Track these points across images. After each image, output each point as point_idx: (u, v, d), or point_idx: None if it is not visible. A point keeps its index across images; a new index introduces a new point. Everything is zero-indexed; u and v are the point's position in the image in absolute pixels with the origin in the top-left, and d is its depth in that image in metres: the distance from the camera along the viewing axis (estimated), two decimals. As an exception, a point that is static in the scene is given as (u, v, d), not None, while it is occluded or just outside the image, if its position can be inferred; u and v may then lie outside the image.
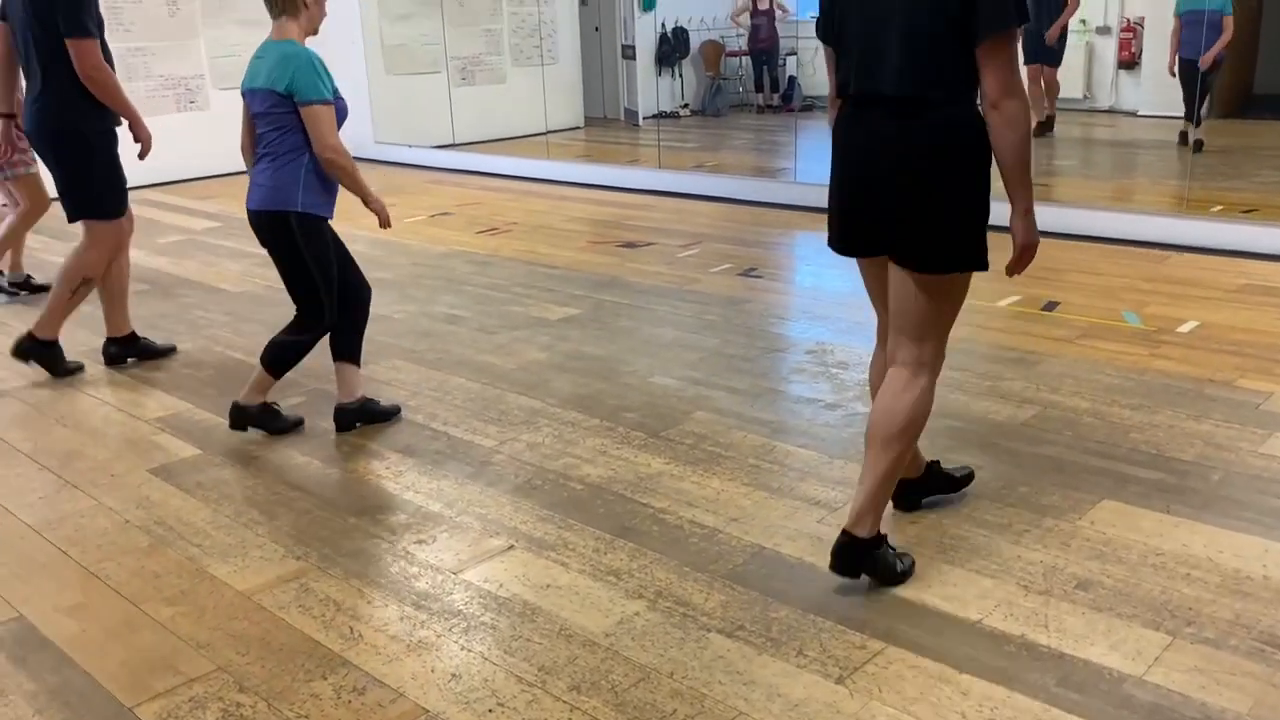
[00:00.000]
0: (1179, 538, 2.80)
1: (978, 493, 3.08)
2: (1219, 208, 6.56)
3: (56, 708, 2.29)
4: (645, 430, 3.61)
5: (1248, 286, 5.09)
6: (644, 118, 12.05)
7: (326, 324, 3.68)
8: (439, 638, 2.48)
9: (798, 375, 4.15)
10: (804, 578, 2.68)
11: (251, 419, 3.70)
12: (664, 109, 12.42)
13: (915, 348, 2.57)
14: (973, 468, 3.12)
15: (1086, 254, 5.80)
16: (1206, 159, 7.98)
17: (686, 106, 12.84)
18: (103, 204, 4.34)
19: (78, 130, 4.20)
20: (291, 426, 3.77)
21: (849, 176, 2.54)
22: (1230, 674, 2.25)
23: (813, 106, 11.87)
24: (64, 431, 3.85)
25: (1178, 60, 8.30)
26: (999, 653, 2.35)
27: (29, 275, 5.78)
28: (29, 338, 4.39)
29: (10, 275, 5.77)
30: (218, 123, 8.73)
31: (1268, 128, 9.72)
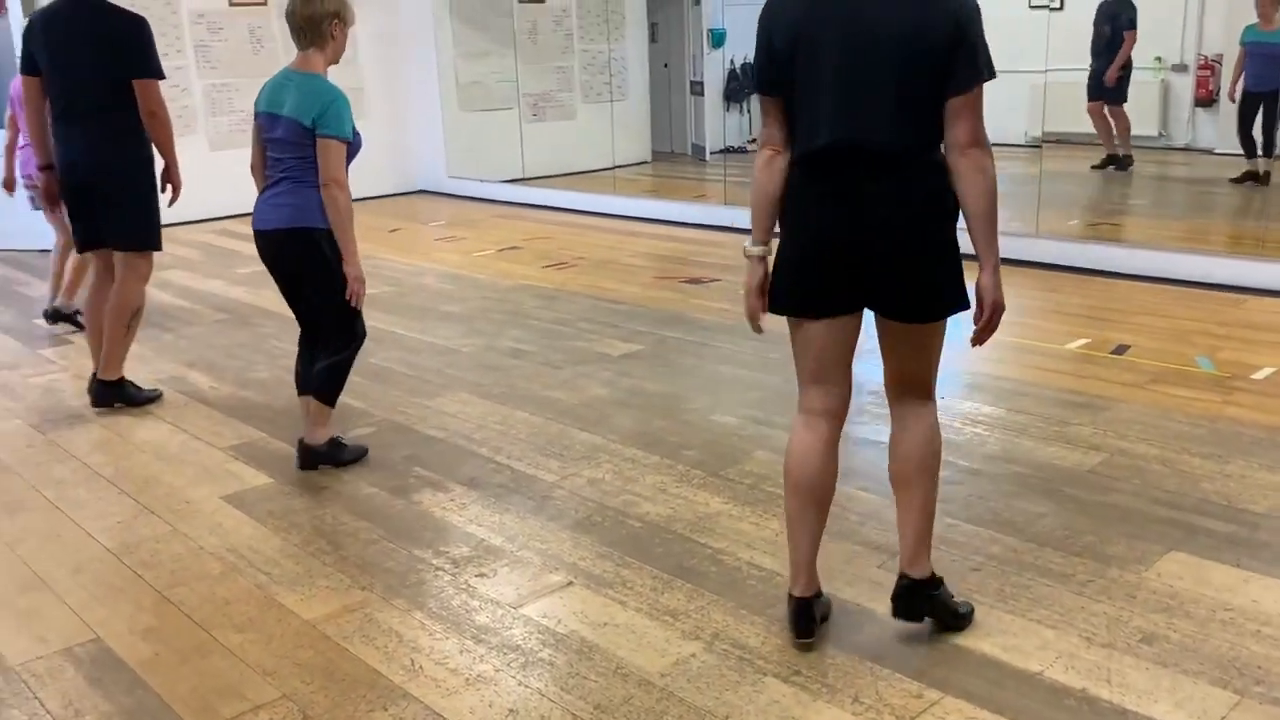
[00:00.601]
0: (1249, 593, 2.74)
1: (1041, 540, 3.05)
2: (1299, 250, 6.42)
3: (130, 729, 2.37)
4: (705, 469, 3.63)
5: (1328, 332, 4.97)
6: (711, 152, 12.13)
7: (362, 334, 3.78)
8: (497, 672, 2.52)
9: (860, 417, 4.13)
10: (862, 623, 2.67)
11: (321, 457, 3.79)
12: (731, 144, 12.49)
13: (924, 389, 2.58)
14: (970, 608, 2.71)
15: (1158, 296, 5.70)
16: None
17: (754, 141, 12.87)
18: (153, 237, 4.50)
19: (138, 167, 4.39)
20: (358, 457, 3.85)
21: (833, 236, 2.39)
22: (1301, 737, 2.19)
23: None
24: (143, 457, 3.99)
25: (1239, 91, 8.17)
26: (1059, 706, 2.32)
27: (77, 310, 5.83)
28: (98, 383, 4.51)
29: (61, 304, 5.91)
30: (296, 157, 8.97)
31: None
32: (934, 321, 2.48)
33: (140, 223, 4.42)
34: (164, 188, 4.53)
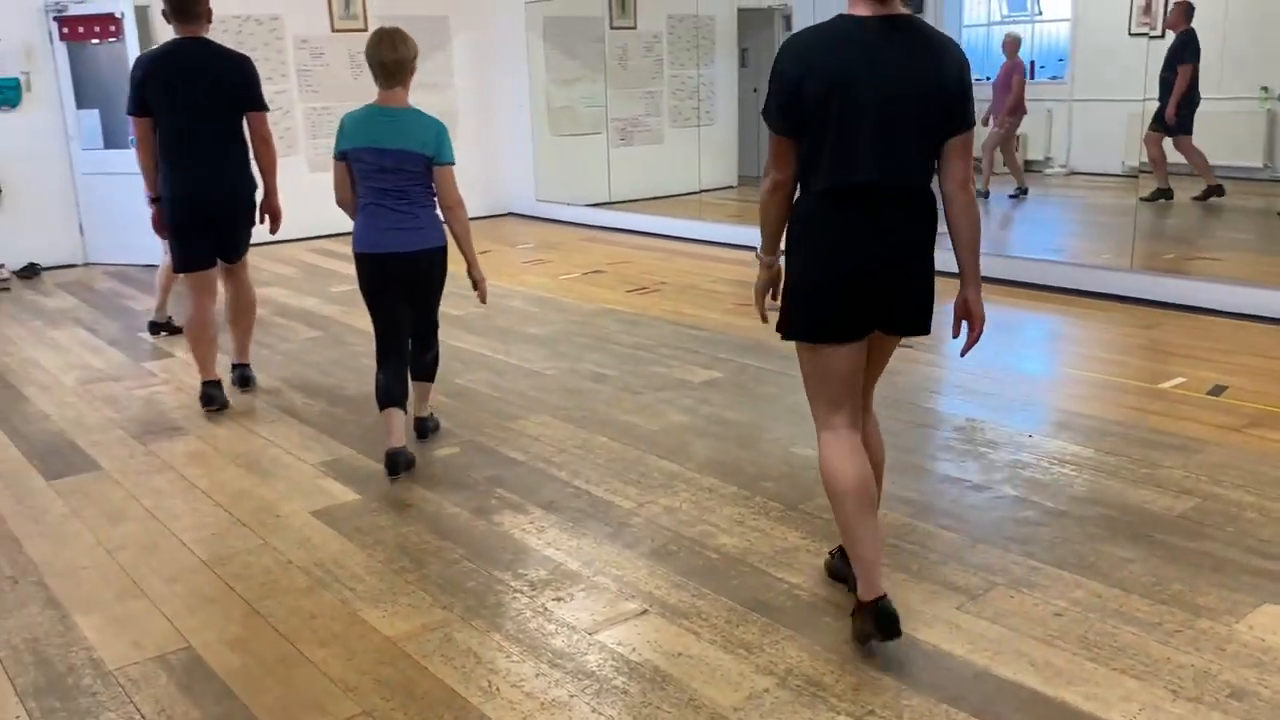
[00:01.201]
0: (1350, 652, 2.63)
1: (1127, 587, 2.97)
2: None
3: (218, 737, 2.46)
4: (783, 502, 3.62)
5: None
6: (797, 179, 12.10)
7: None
8: (572, 698, 2.55)
9: (945, 453, 4.08)
10: (939, 665, 2.64)
11: (432, 425, 4.39)
12: (819, 170, 12.44)
13: (870, 395, 2.90)
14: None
15: (1259, 335, 5.51)
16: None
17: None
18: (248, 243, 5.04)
19: (251, 192, 4.84)
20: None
21: (867, 265, 2.60)
22: (1402, 807, 2.10)
23: (976, 170, 11.69)
24: (237, 471, 4.13)
25: None
26: (1143, 762, 2.26)
27: (170, 317, 6.32)
28: (243, 367, 5.20)
29: (156, 316, 6.35)
30: (391, 178, 9.23)
31: None
32: (924, 333, 2.79)
33: (248, 238, 4.96)
34: (262, 216, 4.92)
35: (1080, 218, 10.33)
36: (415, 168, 3.87)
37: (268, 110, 4.81)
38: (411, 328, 4.16)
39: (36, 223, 8.61)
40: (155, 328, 6.32)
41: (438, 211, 3.99)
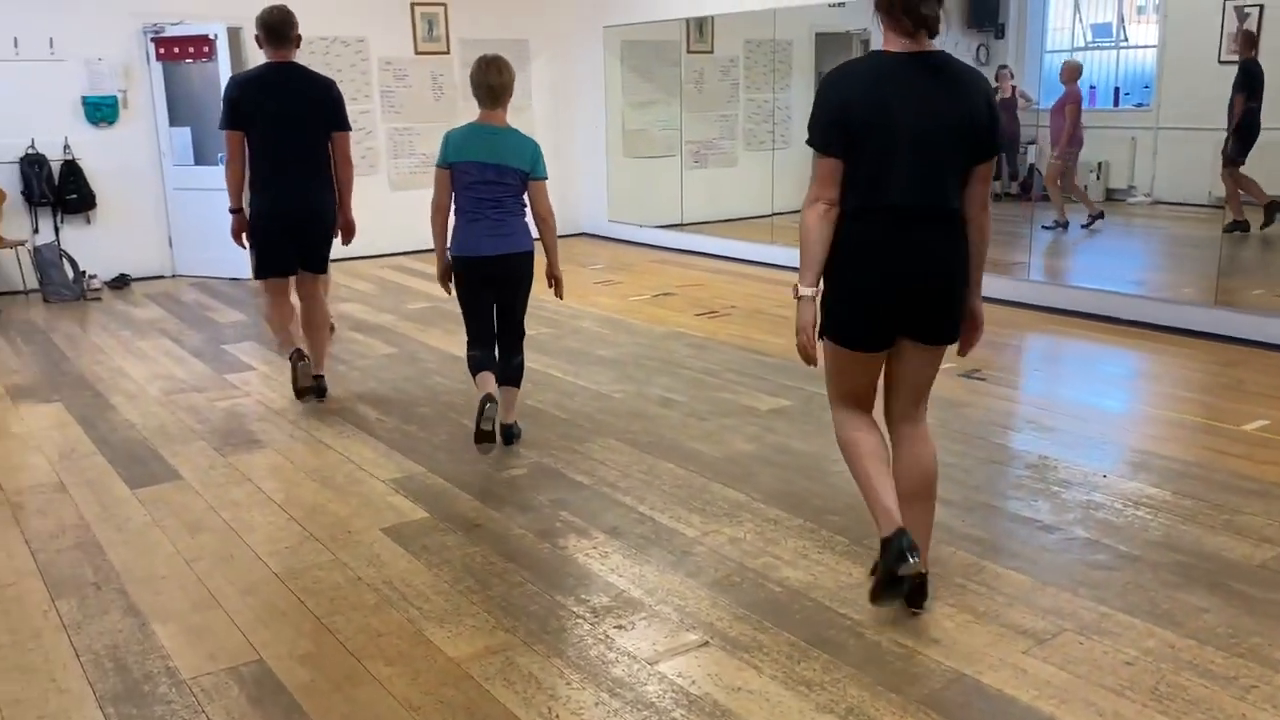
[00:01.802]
0: None
1: (1202, 638, 2.89)
2: None
3: (285, 751, 2.52)
4: (849, 536, 3.60)
5: None
6: (873, 203, 12.01)
7: None
8: (630, 728, 2.56)
9: (1016, 491, 4.02)
10: (1003, 710, 2.60)
11: (516, 433, 4.64)
12: (894, 195, 12.34)
13: (923, 406, 3.08)
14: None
15: (1352, 377, 5.33)
16: None
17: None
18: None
19: (335, 207, 5.16)
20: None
21: (902, 282, 2.84)
22: None
23: (1045, 200, 11.48)
24: (311, 485, 4.23)
25: None
26: (1214, 822, 2.20)
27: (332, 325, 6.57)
28: (319, 378, 5.36)
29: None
30: (467, 198, 9.41)
31: None
32: (945, 346, 2.99)
33: (329, 251, 5.29)
34: (335, 230, 5.24)
35: (1162, 249, 10.08)
36: (513, 181, 4.32)
37: (350, 130, 5.13)
38: (500, 328, 4.55)
39: (128, 235, 8.93)
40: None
41: (526, 220, 4.41)
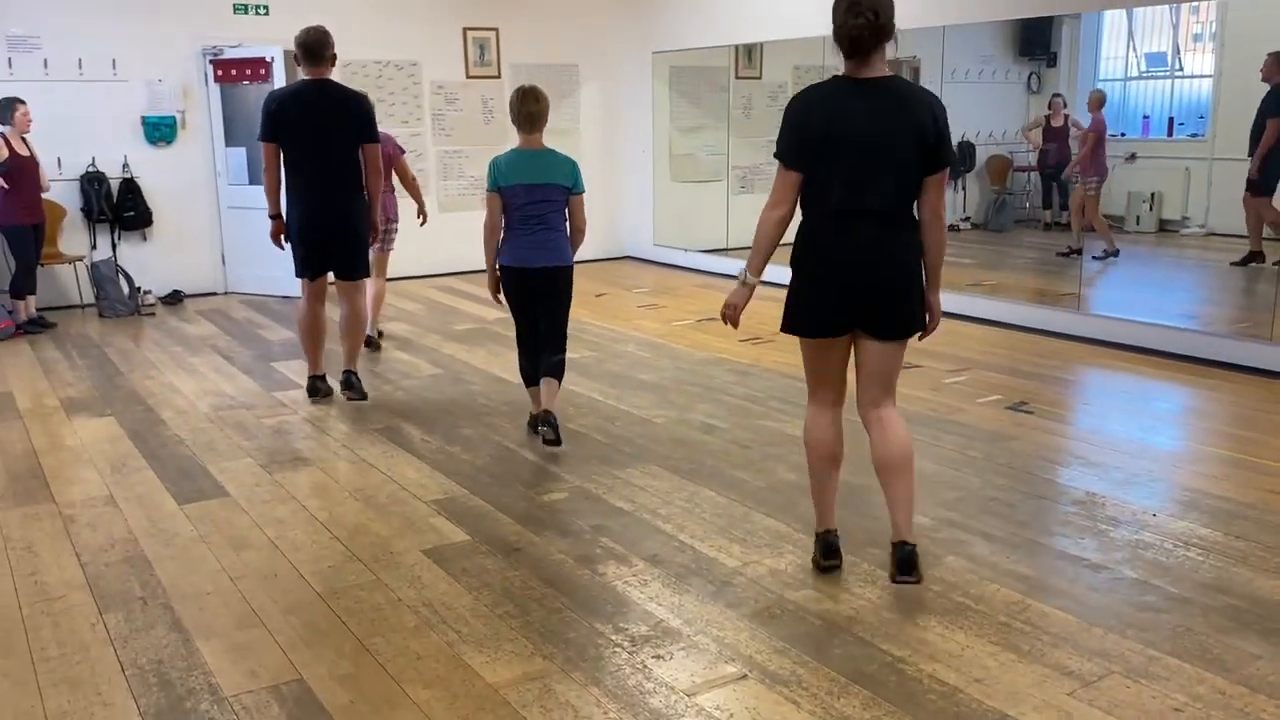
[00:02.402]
0: None
1: (1254, 685, 2.82)
2: None
3: (323, 772, 2.53)
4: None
5: None
6: (920, 230, 11.94)
7: None
8: (666, 760, 2.54)
9: (1063, 528, 3.95)
10: (1047, 755, 2.55)
11: (557, 423, 4.87)
12: (943, 222, 12.25)
13: (892, 392, 3.40)
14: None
15: None
16: None
17: (968, 219, 12.61)
18: (368, 267, 5.87)
19: (366, 214, 5.58)
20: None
21: (845, 275, 3.22)
22: None
23: (1065, 228, 11.36)
24: (355, 505, 4.27)
25: None
26: None
27: (380, 331, 7.23)
28: (351, 373, 5.76)
29: (371, 332, 6.97)
30: (515, 220, 9.50)
31: None
32: (909, 337, 3.33)
33: (366, 257, 5.72)
34: (368, 237, 5.67)
35: (1217, 282, 9.90)
36: (557, 197, 4.77)
37: (378, 142, 5.55)
38: (544, 331, 4.93)
39: (183, 252, 9.11)
40: (367, 341, 6.93)
41: (567, 235, 4.87)
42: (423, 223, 7.09)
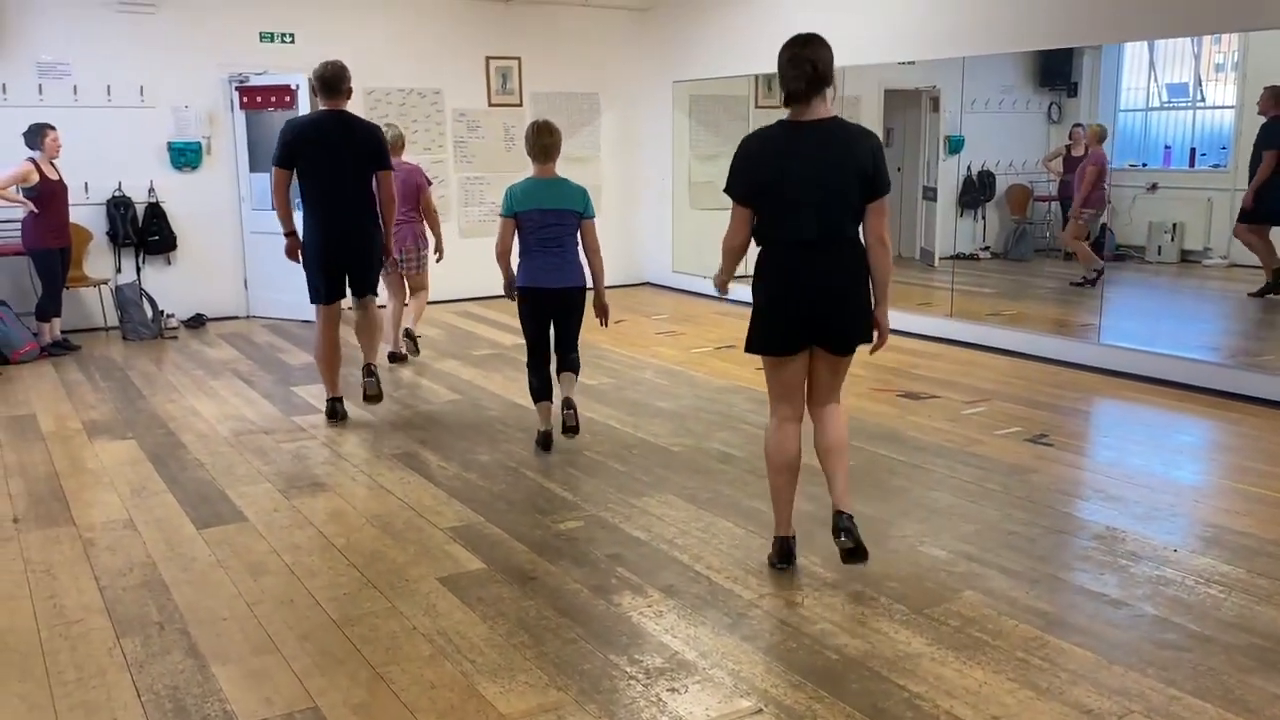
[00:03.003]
0: None
1: (1279, 728, 2.78)
2: None
3: (336, 802, 2.52)
4: (908, 605, 3.53)
5: None
6: (939, 258, 11.92)
7: None
8: (680, 796, 2.52)
9: (1082, 563, 3.92)
10: (1066, 796, 2.51)
11: (577, 418, 5.33)
12: (962, 250, 12.23)
13: (838, 393, 3.77)
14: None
15: None
16: None
17: (988, 249, 12.58)
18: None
19: (377, 236, 5.81)
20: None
21: (804, 296, 3.55)
22: None
23: (1126, 256, 11.31)
24: (371, 531, 4.28)
25: None
26: None
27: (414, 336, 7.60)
28: (371, 366, 5.97)
29: (393, 349, 7.37)
30: (534, 246, 9.57)
31: None
32: (853, 351, 3.69)
33: (376, 277, 5.94)
34: (380, 256, 5.91)
35: (1239, 313, 9.83)
36: (570, 221, 5.13)
37: (391, 169, 5.79)
38: (558, 341, 5.34)
39: (206, 276, 9.20)
40: (392, 357, 7.32)
41: (580, 258, 5.18)
42: (439, 259, 7.32)
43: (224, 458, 5.25)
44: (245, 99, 9.05)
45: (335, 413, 5.89)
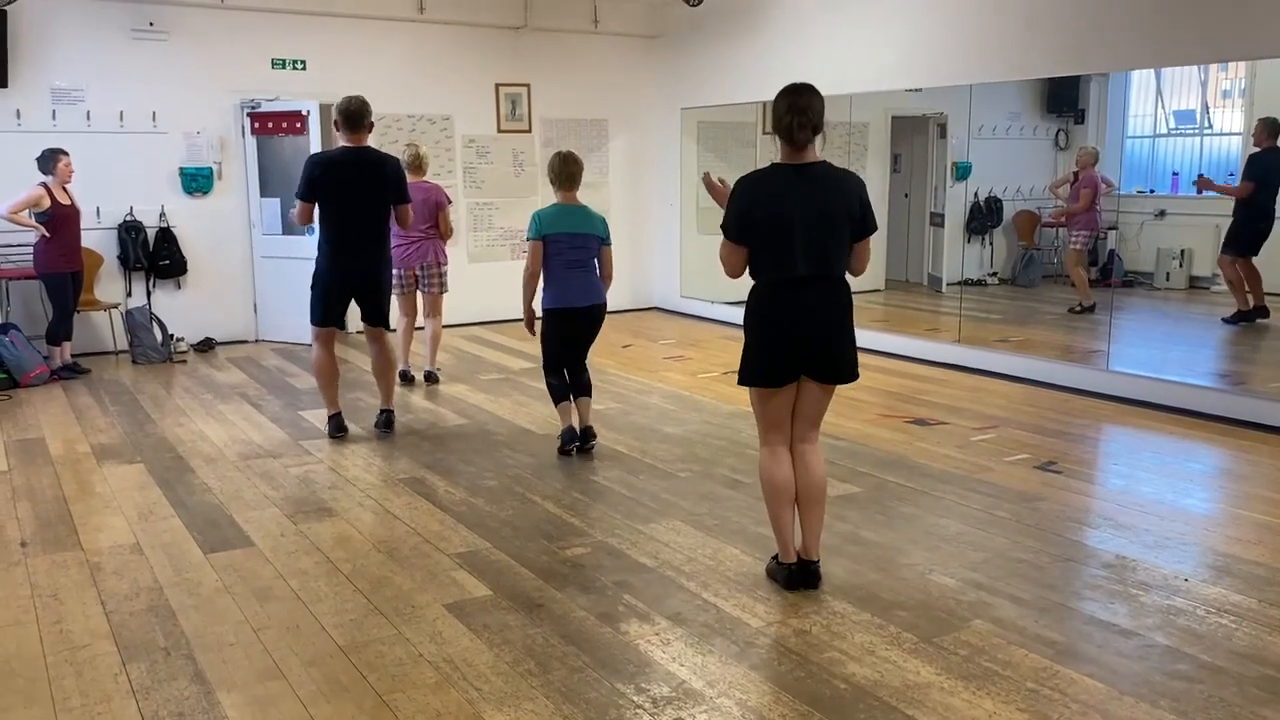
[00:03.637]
0: None
1: (1293, 762, 2.75)
2: None
3: (340, 831, 2.51)
4: (917, 633, 3.51)
5: None
6: (947, 284, 11.92)
7: None
8: (687, 827, 2.50)
9: (1092, 592, 3.89)
10: (1077, 830, 2.49)
11: (593, 433, 5.73)
12: (970, 276, 12.23)
13: (818, 427, 3.91)
14: None
15: None
16: None
17: (995, 275, 12.58)
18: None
19: (389, 266, 6.05)
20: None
21: (800, 332, 3.70)
22: None
23: (1134, 282, 11.28)
24: (378, 557, 4.27)
25: None
26: None
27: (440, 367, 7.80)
28: (389, 412, 6.22)
29: (405, 367, 7.54)
30: (543, 271, 9.60)
31: None
32: (839, 384, 3.84)
33: (389, 303, 6.12)
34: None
35: (1250, 340, 9.81)
36: (594, 246, 5.49)
37: (409, 203, 6.01)
38: (574, 357, 5.65)
39: (216, 300, 9.24)
40: (404, 377, 7.46)
41: (598, 278, 5.57)
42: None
43: (231, 482, 5.26)
44: (257, 124, 9.12)
45: (336, 429, 6.08)
